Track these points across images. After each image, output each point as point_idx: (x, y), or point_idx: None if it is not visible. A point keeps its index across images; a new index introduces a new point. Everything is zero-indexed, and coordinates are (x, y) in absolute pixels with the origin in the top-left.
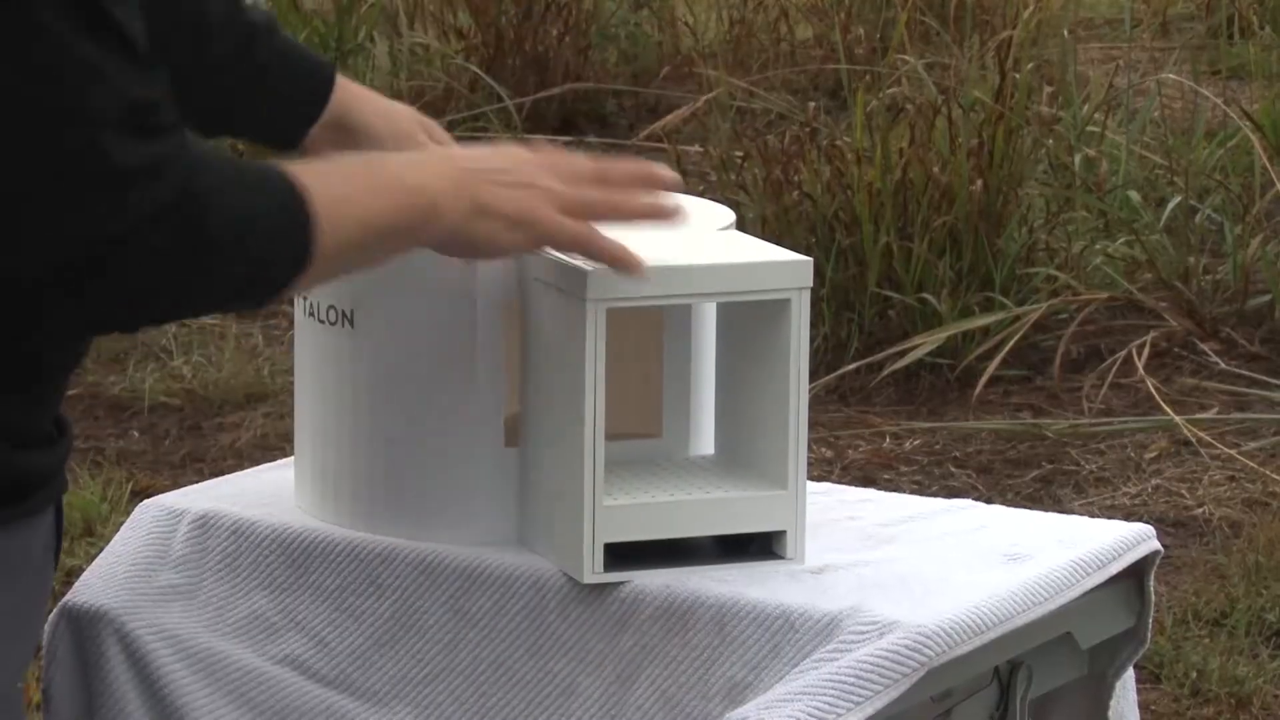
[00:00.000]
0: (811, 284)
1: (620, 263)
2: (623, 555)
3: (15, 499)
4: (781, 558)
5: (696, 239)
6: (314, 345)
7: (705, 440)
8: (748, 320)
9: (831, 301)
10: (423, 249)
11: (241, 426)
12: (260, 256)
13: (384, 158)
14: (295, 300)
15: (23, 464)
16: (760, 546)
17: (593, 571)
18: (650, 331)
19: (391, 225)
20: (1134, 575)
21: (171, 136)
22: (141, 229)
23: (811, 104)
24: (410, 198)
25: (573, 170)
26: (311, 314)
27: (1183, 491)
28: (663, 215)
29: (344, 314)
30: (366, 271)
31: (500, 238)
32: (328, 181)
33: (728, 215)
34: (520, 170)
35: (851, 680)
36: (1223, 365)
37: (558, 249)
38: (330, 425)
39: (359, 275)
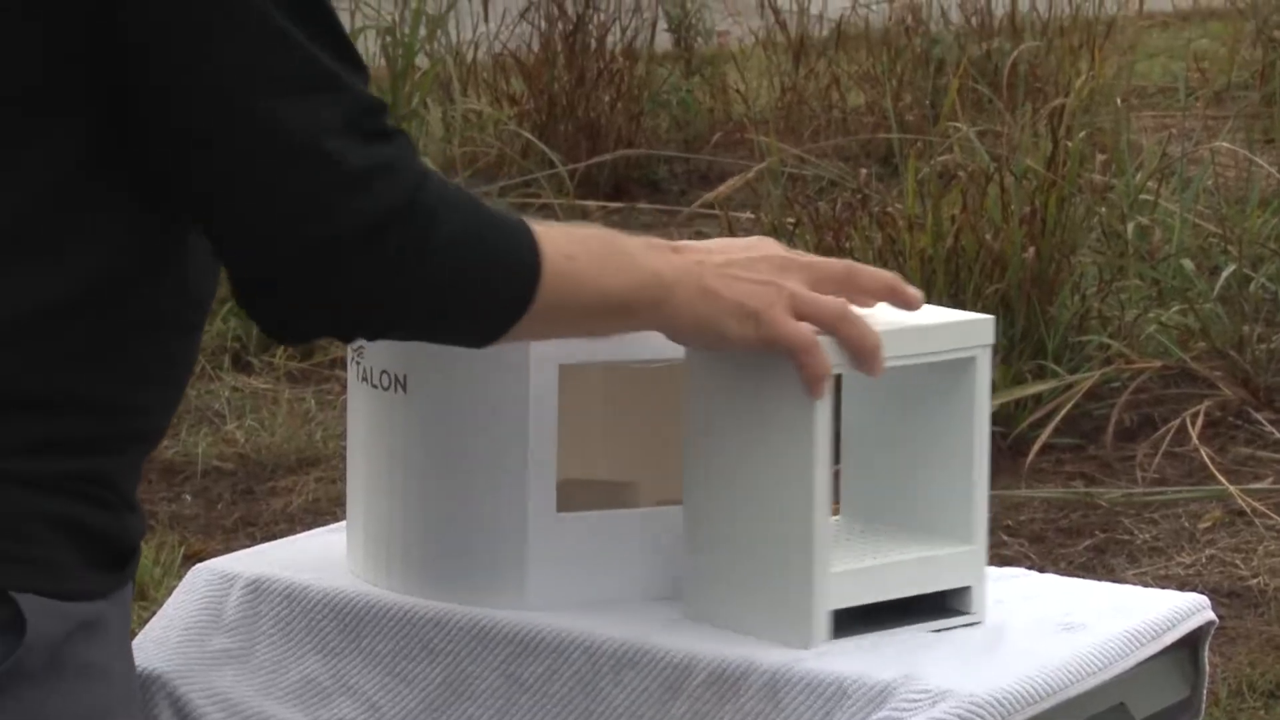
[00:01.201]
0: (993, 340)
1: (823, 383)
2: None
3: (125, 562)
4: (966, 613)
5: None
6: (367, 410)
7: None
8: (927, 380)
9: None
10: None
11: (294, 491)
12: (483, 281)
13: (619, 235)
14: (349, 364)
15: (132, 526)
16: (932, 605)
17: (820, 639)
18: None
19: (621, 299)
20: (1188, 646)
21: (398, 139)
22: (371, 232)
23: (863, 171)
24: (642, 277)
25: (823, 272)
26: (365, 379)
27: (1237, 562)
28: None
29: (397, 379)
30: (579, 340)
31: (727, 327)
32: (562, 240)
33: None
34: (761, 266)
35: None
36: (1277, 435)
37: (780, 349)
38: (383, 490)
39: (569, 340)
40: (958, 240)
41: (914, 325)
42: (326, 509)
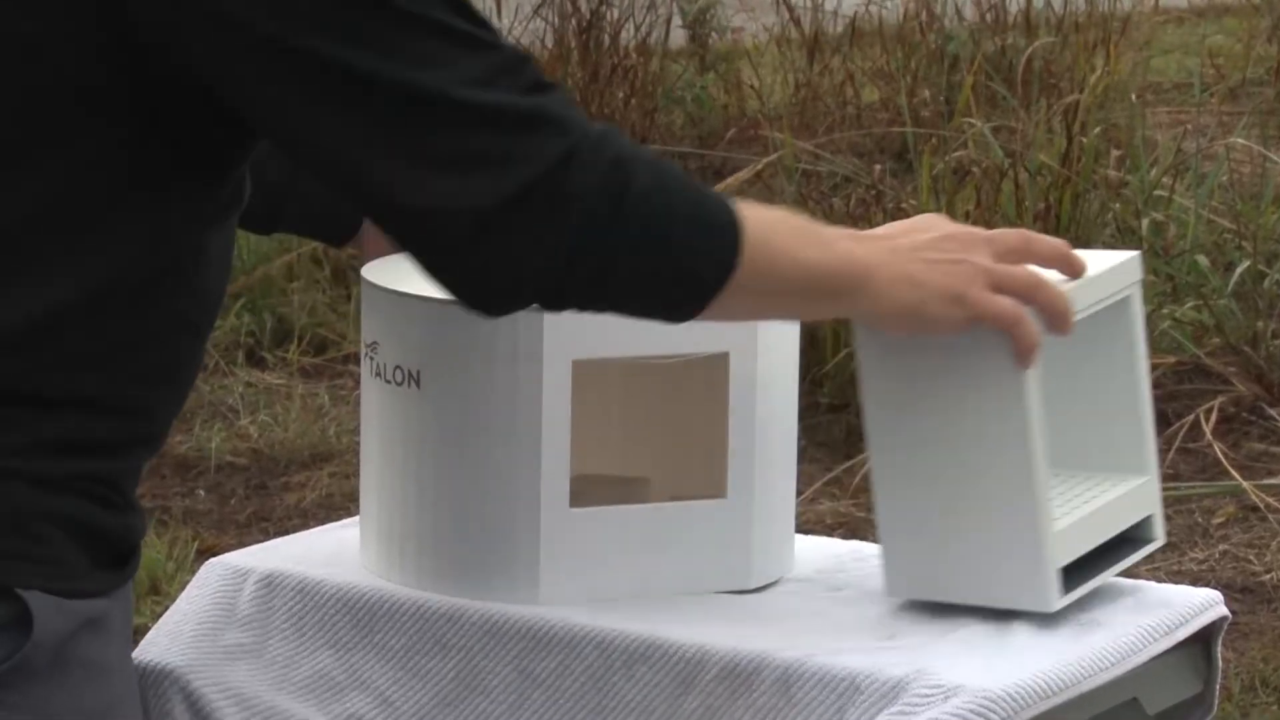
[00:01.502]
0: (1142, 275)
1: (1035, 353)
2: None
3: (127, 561)
4: (1153, 539)
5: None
6: (381, 405)
7: None
8: (1087, 325)
9: None
10: None
11: (307, 486)
12: (687, 236)
13: (813, 221)
14: (362, 359)
15: (135, 526)
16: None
17: (1056, 599)
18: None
19: (823, 278)
20: (1201, 641)
21: (559, 91)
22: (555, 173)
23: (877, 167)
24: (843, 260)
25: (1004, 243)
26: (378, 374)
27: (1250, 557)
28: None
29: (411, 374)
30: (785, 320)
31: (934, 311)
32: (758, 210)
33: None
34: (950, 245)
35: None
36: None
37: (989, 325)
38: (396, 485)
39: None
40: None
41: (1071, 284)
42: (340, 504)
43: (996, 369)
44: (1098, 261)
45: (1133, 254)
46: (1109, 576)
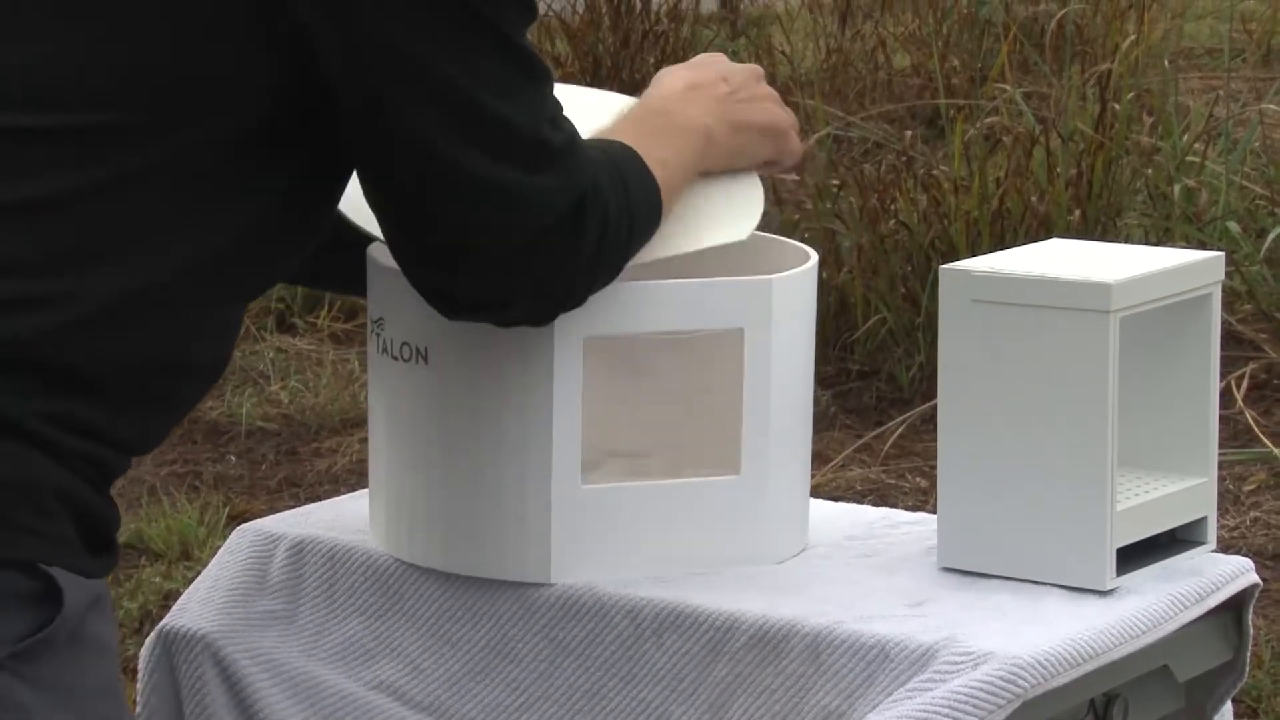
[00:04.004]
0: (1223, 276)
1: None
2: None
3: (110, 548)
4: (1203, 542)
5: (1103, 253)
6: (388, 382)
7: None
8: (1161, 320)
9: (927, 331)
10: None
11: (338, 452)
12: (645, 233)
13: (653, 101)
14: (369, 337)
15: (115, 516)
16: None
17: (1111, 578)
18: None
19: (687, 165)
20: (1232, 608)
21: (565, 121)
22: (576, 210)
23: (909, 133)
24: (692, 137)
25: (753, 72)
26: (385, 350)
27: None
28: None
29: (419, 351)
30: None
31: (756, 148)
32: (649, 145)
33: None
34: (748, 85)
35: (945, 711)
36: None
37: (789, 151)
38: (404, 463)
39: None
40: (1003, 203)
41: (1155, 270)
42: None
43: (1083, 344)
44: (1182, 258)
45: (1218, 255)
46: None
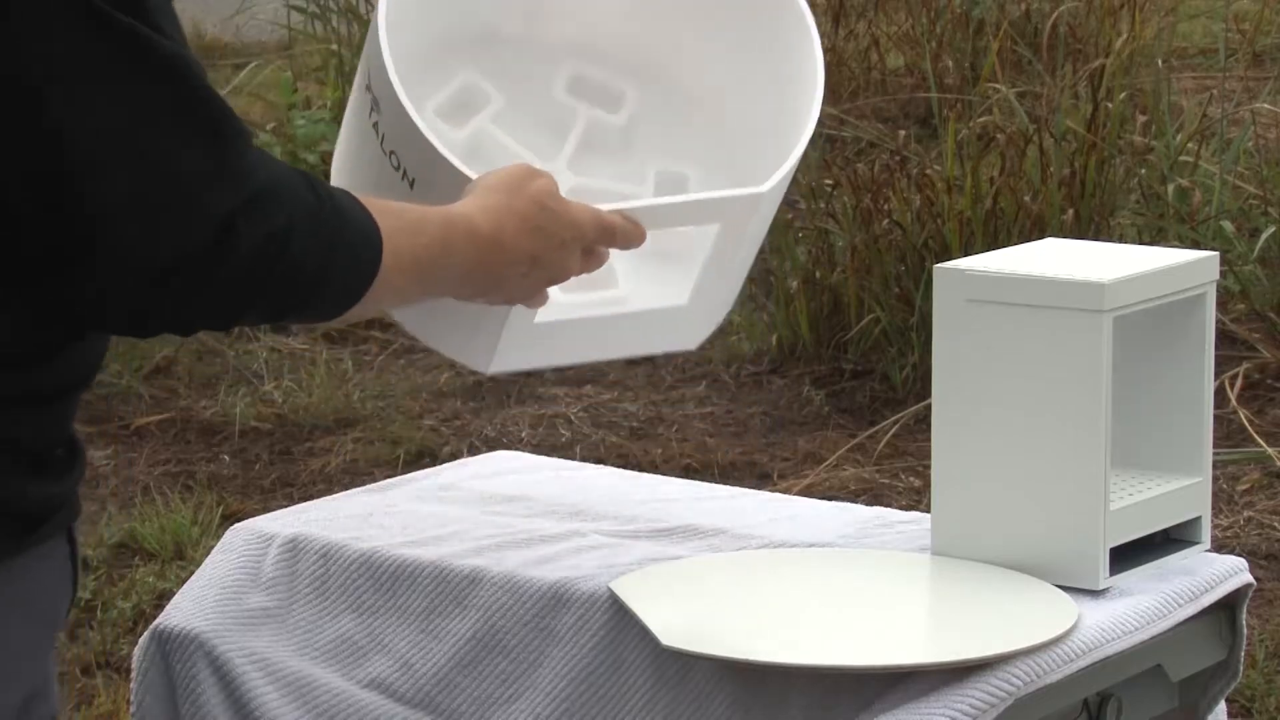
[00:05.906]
0: (1217, 276)
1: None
2: None
3: (25, 529)
4: (1197, 542)
5: (1097, 253)
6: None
7: None
8: (1155, 320)
9: (921, 331)
10: None
11: (331, 451)
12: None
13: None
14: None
15: (35, 493)
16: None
17: (1104, 577)
18: None
19: (437, 260)
20: (1226, 608)
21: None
22: (227, 228)
23: (902, 132)
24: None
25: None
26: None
27: (1275, 524)
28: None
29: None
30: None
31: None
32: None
33: None
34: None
35: (939, 710)
36: None
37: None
38: None
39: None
40: (996, 202)
41: (1149, 270)
42: (364, 469)
43: (1077, 343)
44: (1175, 258)
45: (1212, 255)
46: (1151, 566)
